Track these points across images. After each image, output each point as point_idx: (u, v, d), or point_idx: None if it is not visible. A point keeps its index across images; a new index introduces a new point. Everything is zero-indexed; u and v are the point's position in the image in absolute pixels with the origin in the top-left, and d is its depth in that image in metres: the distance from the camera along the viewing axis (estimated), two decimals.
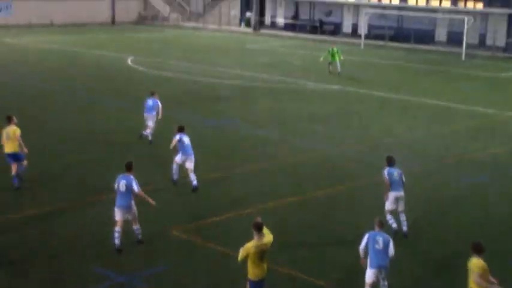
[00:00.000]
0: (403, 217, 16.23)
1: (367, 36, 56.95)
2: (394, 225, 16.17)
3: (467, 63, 47.51)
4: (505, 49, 52.84)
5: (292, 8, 65.37)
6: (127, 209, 14.99)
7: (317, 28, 61.71)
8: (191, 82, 36.77)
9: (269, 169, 21.58)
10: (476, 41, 54.40)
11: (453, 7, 56.04)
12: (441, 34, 57.02)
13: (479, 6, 54.96)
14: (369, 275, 12.81)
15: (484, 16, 54.91)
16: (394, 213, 16.25)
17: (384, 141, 25.25)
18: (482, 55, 51.46)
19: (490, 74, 43.40)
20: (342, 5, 62.35)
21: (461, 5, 55.97)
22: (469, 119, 29.84)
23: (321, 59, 40.84)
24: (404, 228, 16.20)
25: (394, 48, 54.76)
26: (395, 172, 16.32)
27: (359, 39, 56.56)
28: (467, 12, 54.14)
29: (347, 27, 62.02)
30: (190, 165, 18.89)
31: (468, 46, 51.07)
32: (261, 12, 67.27)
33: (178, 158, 19.05)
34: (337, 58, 39.99)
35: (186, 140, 18.92)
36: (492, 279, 11.60)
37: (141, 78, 37.54)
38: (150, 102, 24.07)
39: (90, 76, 37.97)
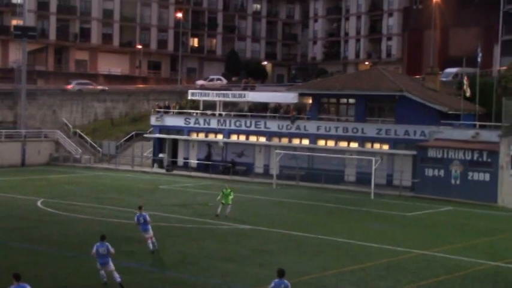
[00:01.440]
0: None
1: (278, 177, 57.95)
2: None
3: (376, 203, 48.66)
4: (411, 188, 54.54)
5: (205, 149, 66.25)
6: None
7: (229, 169, 62.51)
8: (102, 223, 36.26)
9: None
10: (384, 181, 56.05)
11: (361, 148, 57.95)
12: (350, 174, 58.56)
13: (386, 147, 57.04)
14: None
15: (390, 157, 56.89)
16: None
17: (296, 280, 25.20)
18: (390, 194, 52.88)
19: (398, 212, 44.50)
20: (253, 146, 63.63)
21: (368, 146, 57.94)
22: (378, 257, 30.24)
23: (218, 197, 40.72)
24: None
25: (305, 187, 55.74)
26: (283, 285, 18.29)
27: (271, 179, 57.48)
28: (374, 153, 56.08)
29: (259, 168, 63.05)
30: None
31: (376, 186, 52.57)
32: (174, 153, 67.89)
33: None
34: (229, 201, 39.55)
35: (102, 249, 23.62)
36: None
37: (51, 221, 36.84)
38: (141, 219, 28.86)
39: None
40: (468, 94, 55.96)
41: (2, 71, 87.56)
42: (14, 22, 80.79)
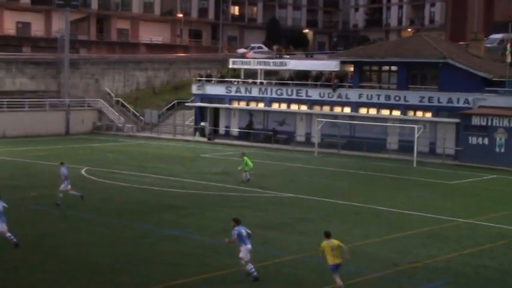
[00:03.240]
0: (249, 265, 20.76)
1: (320, 145, 57.80)
2: (255, 273, 20.68)
3: (419, 171, 48.29)
4: (454, 157, 53.98)
5: (246, 118, 66.28)
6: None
7: (271, 137, 62.48)
8: (145, 191, 36.62)
9: (224, 279, 21.32)
10: (426, 149, 55.50)
11: (403, 116, 57.39)
12: (392, 142, 58.11)
13: (428, 115, 56.41)
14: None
15: (433, 125, 56.28)
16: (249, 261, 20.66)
17: None
18: (433, 163, 52.41)
19: (441, 181, 44.10)
20: (295, 114, 63.44)
21: (410, 114, 57.37)
22: (421, 225, 30.08)
23: (240, 167, 41.02)
24: (255, 273, 20.71)
25: (347, 156, 55.53)
26: (243, 230, 20.89)
27: (312, 148, 57.35)
28: (417, 121, 55.53)
29: (300, 136, 62.90)
30: None
31: (419, 154, 52.13)
32: (215, 122, 68.07)
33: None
34: (248, 167, 40.15)
35: None
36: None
37: (94, 188, 37.30)
38: (65, 171, 31.60)
39: (41, 186, 37.57)
40: (509, 60, 54.79)
41: (45, 41, 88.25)
42: None
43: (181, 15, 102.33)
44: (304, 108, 62.81)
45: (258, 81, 67.26)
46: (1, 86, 70.67)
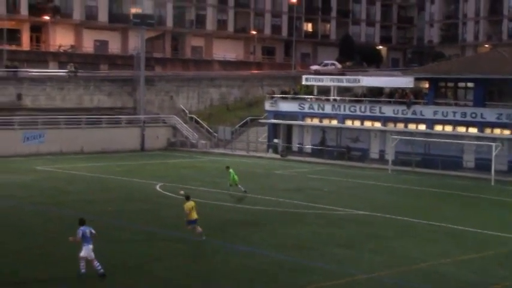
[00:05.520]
0: (96, 263, 22.07)
1: (394, 162, 57.07)
2: (101, 270, 21.99)
3: (497, 190, 47.17)
4: None
5: (319, 134, 66.06)
6: None
7: (344, 154, 62.07)
8: (217, 207, 36.79)
9: None
10: (505, 167, 54.15)
11: (480, 133, 56.25)
12: (469, 160, 56.95)
13: (507, 132, 55.10)
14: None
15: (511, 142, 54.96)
16: (87, 261, 21.96)
17: (412, 267, 24.82)
18: None
19: None
20: (368, 131, 62.90)
21: (488, 131, 56.18)
22: (499, 245, 29.31)
23: (229, 184, 41.35)
24: (101, 270, 22.04)
25: (422, 174, 54.68)
26: (87, 230, 22.40)
27: (386, 165, 56.68)
28: (495, 139, 54.32)
29: (374, 153, 62.30)
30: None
31: (497, 172, 50.90)
32: (288, 139, 68.06)
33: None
34: (236, 181, 40.78)
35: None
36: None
37: (169, 204, 37.68)
38: None
39: (117, 201, 38.18)
40: None
41: (122, 58, 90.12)
42: (133, 10, 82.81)
43: (254, 32, 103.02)
44: (378, 125, 62.21)
45: (331, 98, 67.00)
46: (80, 103, 72.34)
